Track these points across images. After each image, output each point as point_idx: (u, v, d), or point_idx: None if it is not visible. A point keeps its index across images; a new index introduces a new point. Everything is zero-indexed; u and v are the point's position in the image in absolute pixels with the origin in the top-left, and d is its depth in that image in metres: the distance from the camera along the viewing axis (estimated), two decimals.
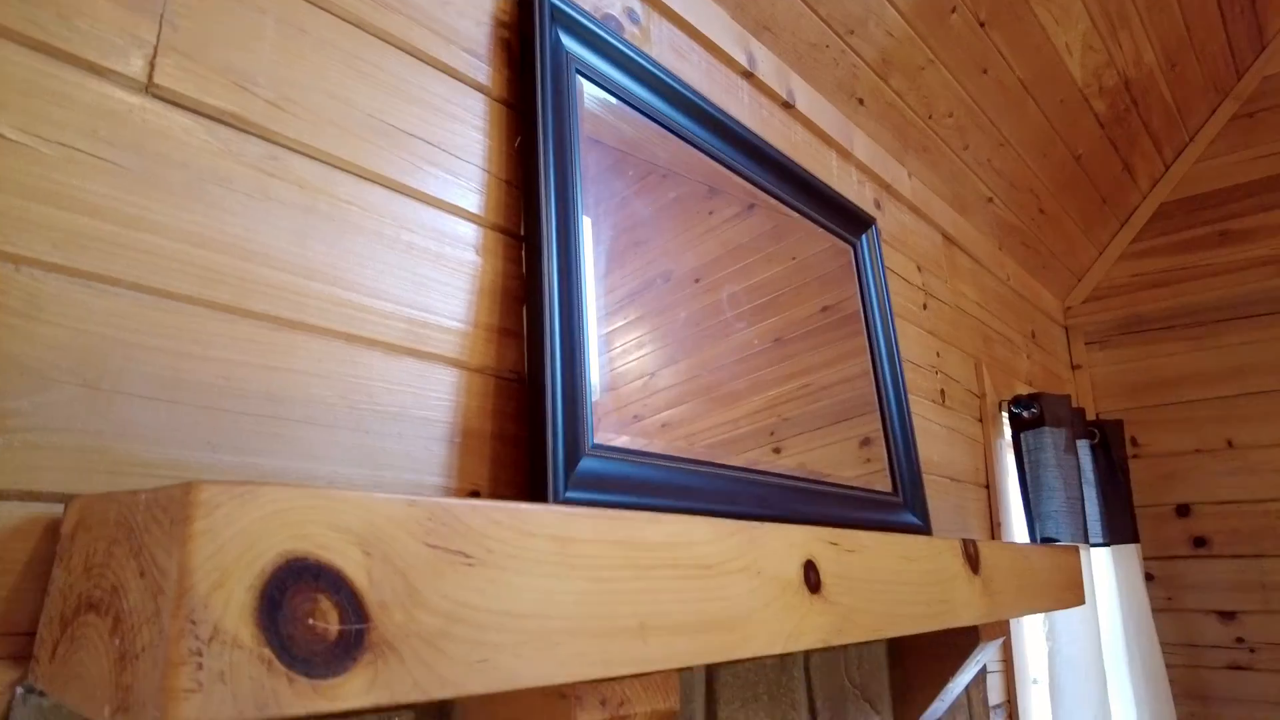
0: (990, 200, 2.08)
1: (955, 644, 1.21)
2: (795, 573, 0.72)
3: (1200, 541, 2.45)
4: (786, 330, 1.25)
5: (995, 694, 1.72)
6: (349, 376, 0.69)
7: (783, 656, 1.05)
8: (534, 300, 0.80)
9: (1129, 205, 2.64)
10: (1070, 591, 1.39)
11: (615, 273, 0.94)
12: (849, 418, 1.29)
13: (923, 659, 1.24)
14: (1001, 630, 1.24)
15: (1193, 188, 2.60)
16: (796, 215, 1.31)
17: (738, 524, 0.67)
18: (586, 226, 0.89)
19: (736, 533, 0.67)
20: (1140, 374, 2.63)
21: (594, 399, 0.82)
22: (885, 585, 0.84)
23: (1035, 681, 1.86)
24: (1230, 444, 2.46)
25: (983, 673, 1.56)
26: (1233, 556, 2.40)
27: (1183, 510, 2.49)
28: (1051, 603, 1.28)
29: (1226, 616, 2.37)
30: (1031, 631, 1.87)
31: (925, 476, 1.55)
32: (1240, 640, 2.34)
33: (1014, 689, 1.75)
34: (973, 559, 1.05)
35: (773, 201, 1.26)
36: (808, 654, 1.10)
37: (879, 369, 1.37)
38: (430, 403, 0.75)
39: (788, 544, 0.72)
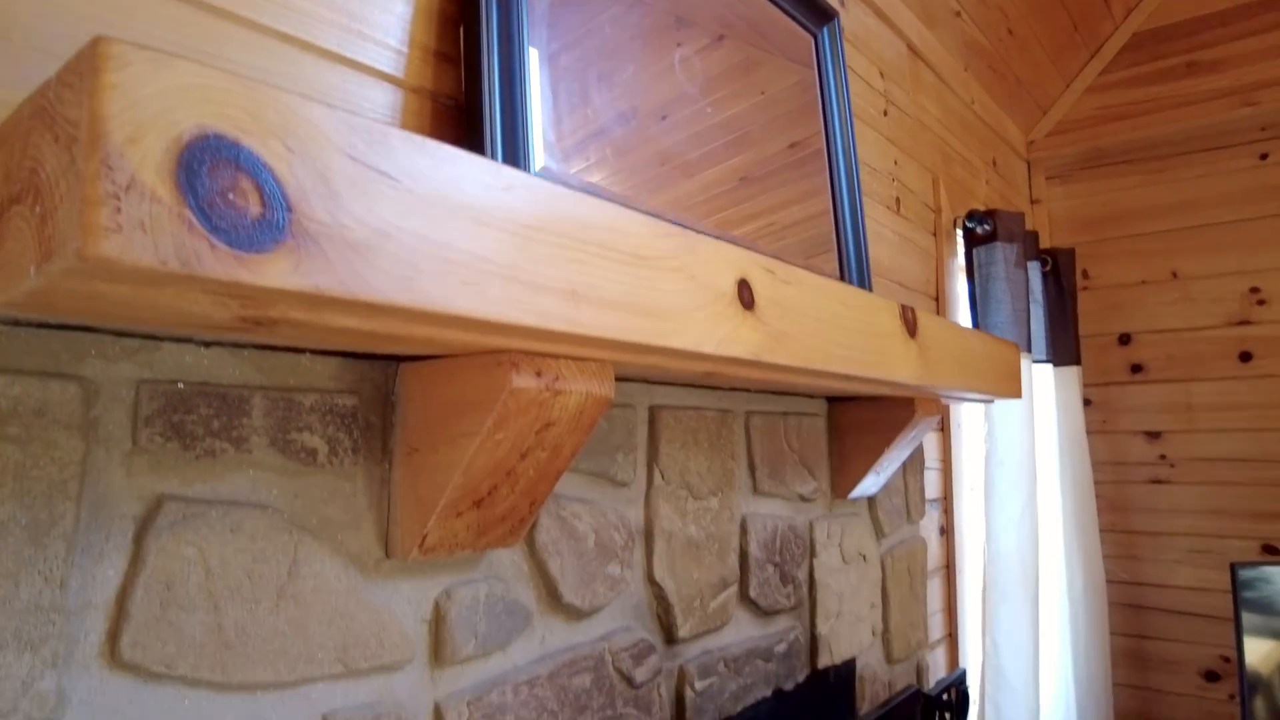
0: (958, 15, 2.03)
1: (891, 417, 1.27)
2: (729, 286, 0.74)
3: (1137, 368, 2.56)
4: (753, 169, 1.24)
5: (933, 489, 1.82)
6: (280, 75, 0.68)
7: (724, 412, 1.09)
8: (470, 19, 0.78)
9: (1101, 34, 2.59)
10: (1007, 382, 1.45)
11: (580, 110, 0.92)
12: (813, 255, 1.30)
13: (860, 432, 1.31)
14: (936, 409, 1.30)
15: (1168, 16, 2.55)
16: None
17: (675, 228, 0.68)
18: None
19: (674, 235, 0.68)
20: (1096, 208, 2.67)
21: (535, 127, 0.82)
22: (819, 323, 0.87)
23: (971, 489, 1.97)
24: (1175, 275, 2.53)
25: (920, 463, 1.65)
26: (1165, 381, 2.51)
27: (1124, 339, 2.59)
28: (988, 386, 1.33)
29: (1152, 436, 2.51)
30: (970, 441, 1.97)
31: (875, 279, 1.59)
32: (1163, 457, 2.49)
33: (950, 487, 1.86)
34: (910, 324, 1.08)
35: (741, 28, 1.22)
36: (749, 415, 1.15)
37: (834, 162, 1.37)
38: (365, 114, 0.74)
39: (724, 259, 0.74)
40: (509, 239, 0.53)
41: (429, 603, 0.72)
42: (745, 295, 0.76)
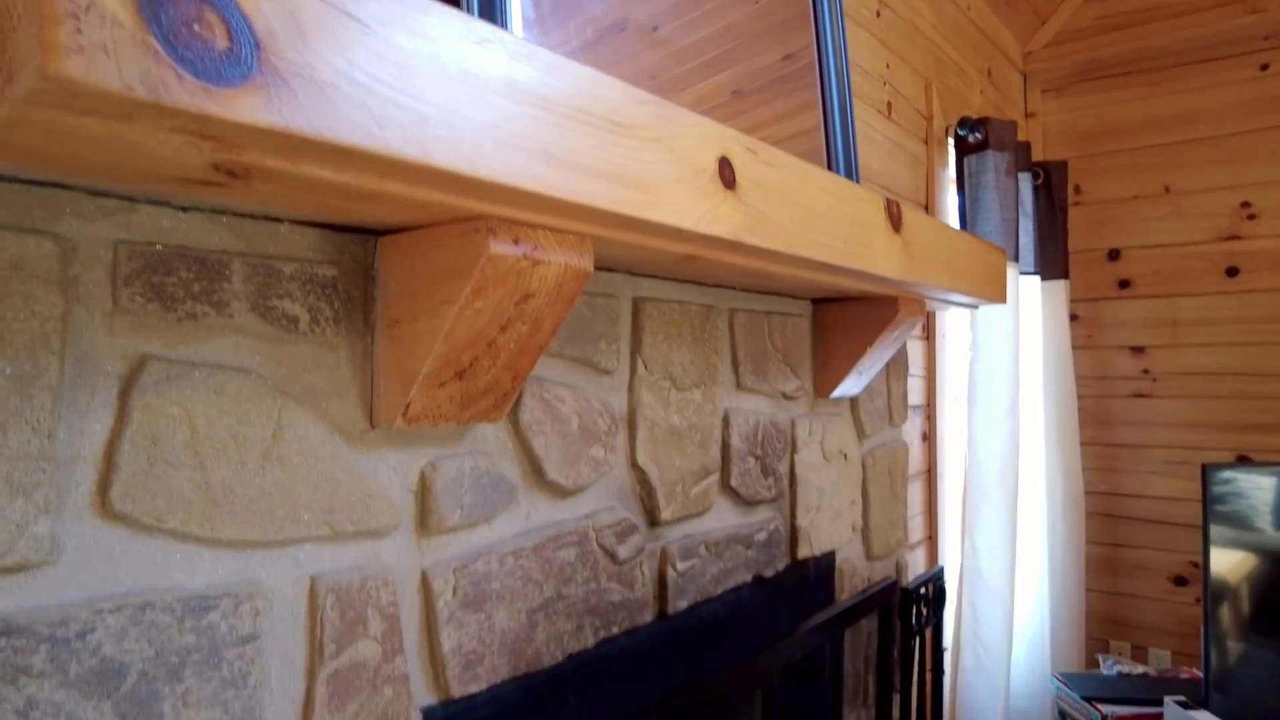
0: None
1: (874, 316, 1.28)
2: (710, 163, 0.74)
3: (1125, 283, 2.57)
4: (745, 82, 1.21)
5: (917, 396, 1.85)
6: None
7: (708, 307, 1.10)
8: None
9: None
10: (992, 286, 1.46)
11: (570, 21, 0.89)
12: None
13: (843, 332, 1.32)
14: (919, 309, 1.31)
15: None
16: None
17: (653, 96, 0.68)
18: None
19: (650, 104, 0.67)
20: (1090, 122, 2.63)
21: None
22: (801, 208, 0.87)
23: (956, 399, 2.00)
24: (1167, 190, 2.52)
25: (904, 368, 1.67)
26: (1151, 297, 2.53)
27: (1114, 254, 2.59)
28: (972, 287, 1.34)
29: (1137, 351, 2.54)
30: (954, 351, 1.99)
31: (864, 183, 1.58)
32: (1145, 371, 2.52)
33: (933, 394, 1.89)
34: (894, 218, 1.08)
35: None
36: (733, 312, 1.16)
37: (824, 65, 1.34)
38: None
39: (704, 134, 0.73)
40: (481, 94, 0.53)
41: (415, 473, 0.74)
42: (726, 173, 0.76)
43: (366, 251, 0.71)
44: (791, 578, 1.30)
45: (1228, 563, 1.76)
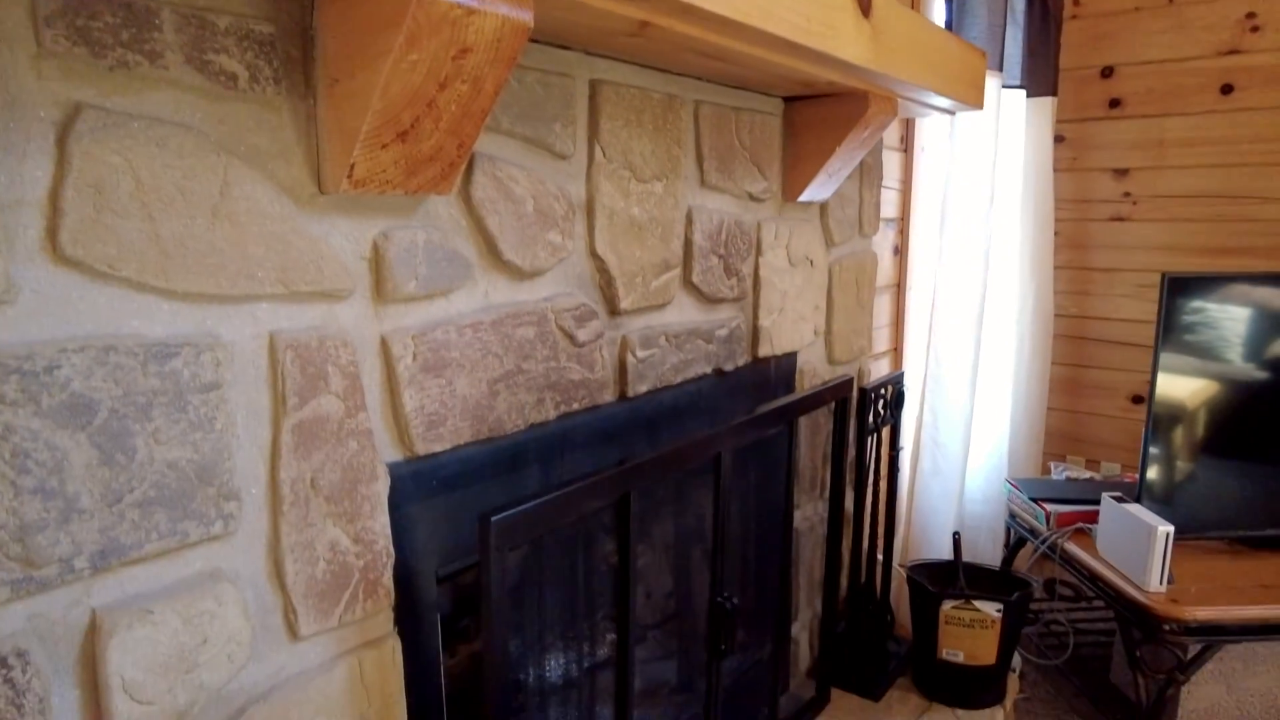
0: None
1: (845, 113, 1.26)
2: None
3: (1115, 102, 2.50)
4: None
5: (891, 209, 1.85)
6: None
7: (671, 96, 1.08)
8: None
9: None
10: (970, 88, 1.43)
11: None
12: None
13: (813, 132, 1.31)
14: (891, 107, 1.29)
15: None
16: None
17: None
18: None
19: None
20: None
21: None
22: None
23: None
24: (1171, 0, 2.41)
25: (877, 178, 1.66)
26: (1141, 116, 2.47)
27: (1107, 72, 2.51)
28: (946, 86, 1.31)
29: (1120, 174, 2.51)
30: (931, 165, 1.97)
31: None
32: (1127, 194, 2.51)
33: (908, 207, 1.89)
34: (864, 2, 1.05)
35: None
36: (698, 104, 1.14)
37: None
38: None
39: None
40: None
41: (367, 242, 0.76)
42: None
43: (304, 11, 0.69)
44: (752, 373, 1.35)
45: (1188, 388, 1.82)
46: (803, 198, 1.35)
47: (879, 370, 1.89)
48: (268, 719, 0.72)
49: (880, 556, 1.73)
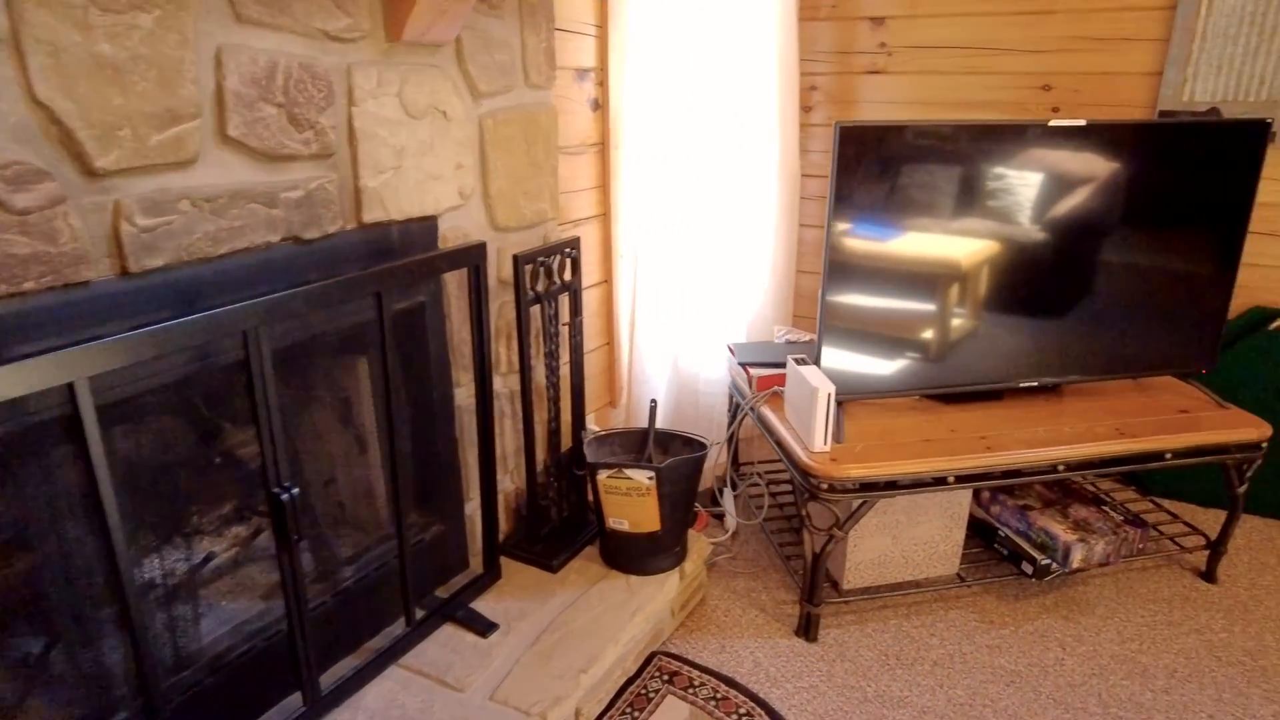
0: None
1: None
2: None
3: None
4: None
5: (585, 57, 1.71)
6: None
7: None
8: None
9: None
10: None
11: None
12: None
13: None
14: None
15: None
16: None
17: None
18: None
19: None
20: None
21: None
22: None
23: None
24: None
25: (547, 20, 1.51)
26: None
27: None
28: None
29: (877, 22, 2.43)
30: (639, 7, 1.81)
31: None
32: (882, 45, 2.43)
33: (607, 57, 1.74)
34: None
35: None
36: None
37: None
38: None
39: None
40: None
41: None
42: None
43: None
44: (362, 242, 1.22)
45: (969, 249, 1.79)
46: (407, 36, 1.19)
47: (587, 238, 1.79)
48: None
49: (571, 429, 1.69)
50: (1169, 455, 1.66)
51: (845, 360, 1.65)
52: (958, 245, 1.64)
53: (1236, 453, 1.71)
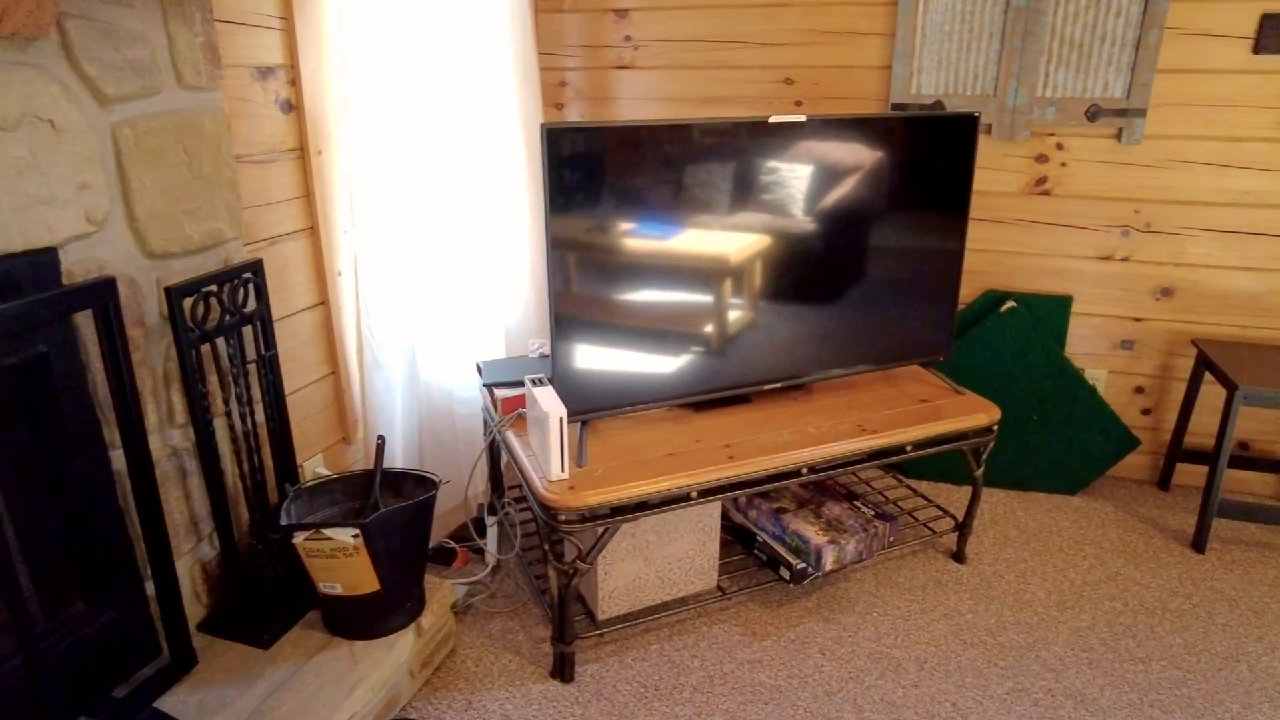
0: None
1: None
2: None
3: None
4: None
5: (270, 53, 1.49)
6: None
7: None
8: None
9: None
10: None
11: None
12: None
13: None
14: None
15: None
16: None
17: None
18: None
19: None
20: None
21: None
22: None
23: None
24: None
25: (200, 10, 1.28)
26: None
27: None
28: None
29: (620, 15, 2.34)
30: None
31: None
32: (628, 38, 2.36)
33: (297, 51, 1.54)
34: None
35: None
36: None
37: None
38: None
39: None
40: None
41: None
42: None
43: None
44: None
45: (738, 245, 1.70)
46: None
47: (292, 256, 1.58)
48: None
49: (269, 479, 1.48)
50: (909, 448, 1.69)
51: (585, 377, 1.55)
52: (693, 246, 1.58)
53: (971, 438, 1.77)
